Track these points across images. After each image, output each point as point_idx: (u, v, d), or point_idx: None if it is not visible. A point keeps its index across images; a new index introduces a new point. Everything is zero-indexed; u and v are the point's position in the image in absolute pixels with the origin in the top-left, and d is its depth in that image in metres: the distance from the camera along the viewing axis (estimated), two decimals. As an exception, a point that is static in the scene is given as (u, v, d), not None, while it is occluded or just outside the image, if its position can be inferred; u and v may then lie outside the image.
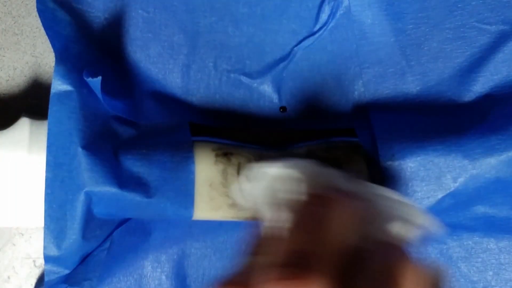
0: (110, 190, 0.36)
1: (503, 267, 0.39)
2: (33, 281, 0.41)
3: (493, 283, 0.39)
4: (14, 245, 0.41)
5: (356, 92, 0.41)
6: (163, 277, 0.39)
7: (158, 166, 0.36)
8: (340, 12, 0.41)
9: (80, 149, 0.36)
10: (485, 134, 0.37)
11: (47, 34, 0.38)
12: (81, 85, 0.37)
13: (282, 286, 0.24)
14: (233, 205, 0.37)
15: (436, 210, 0.37)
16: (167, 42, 0.41)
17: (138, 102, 0.40)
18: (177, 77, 0.41)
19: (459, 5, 0.41)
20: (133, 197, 0.36)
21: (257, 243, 0.28)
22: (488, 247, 0.39)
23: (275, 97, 0.41)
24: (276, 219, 0.28)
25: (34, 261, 0.41)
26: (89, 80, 0.36)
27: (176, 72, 0.41)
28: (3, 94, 0.42)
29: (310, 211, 0.28)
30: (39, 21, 0.40)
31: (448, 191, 0.36)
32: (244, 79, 0.41)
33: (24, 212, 0.38)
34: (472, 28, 0.41)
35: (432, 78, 0.41)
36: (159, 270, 0.39)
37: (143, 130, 0.39)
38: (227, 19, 0.41)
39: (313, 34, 0.41)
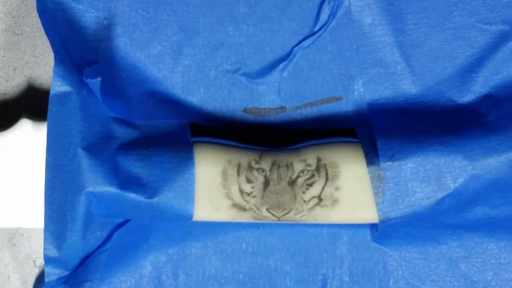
0: (110, 191, 0.36)
1: (503, 267, 0.39)
2: (33, 281, 0.41)
3: (493, 283, 0.39)
4: (14, 245, 0.41)
5: (356, 92, 0.41)
6: (163, 277, 0.39)
7: (158, 166, 0.36)
8: (340, 12, 0.41)
9: (80, 150, 0.36)
10: (485, 134, 0.37)
11: (47, 34, 0.38)
12: (80, 86, 0.37)
13: None
14: (233, 206, 0.37)
15: (436, 210, 0.37)
16: (167, 42, 0.41)
17: (138, 103, 0.40)
18: (177, 77, 0.41)
19: (459, 5, 0.41)
20: (133, 198, 0.36)
21: None
22: (488, 247, 0.39)
23: (275, 97, 0.41)
24: None
25: (34, 261, 0.41)
26: (89, 81, 0.36)
27: (176, 72, 0.41)
28: (3, 94, 0.42)
29: None
30: (39, 21, 0.40)
31: (448, 192, 0.36)
32: (244, 79, 0.41)
33: (24, 213, 0.38)
34: (472, 28, 0.41)
35: (432, 78, 0.41)
36: (159, 270, 0.39)
37: (143, 131, 0.39)
38: (227, 18, 0.41)
39: (313, 34, 0.41)
